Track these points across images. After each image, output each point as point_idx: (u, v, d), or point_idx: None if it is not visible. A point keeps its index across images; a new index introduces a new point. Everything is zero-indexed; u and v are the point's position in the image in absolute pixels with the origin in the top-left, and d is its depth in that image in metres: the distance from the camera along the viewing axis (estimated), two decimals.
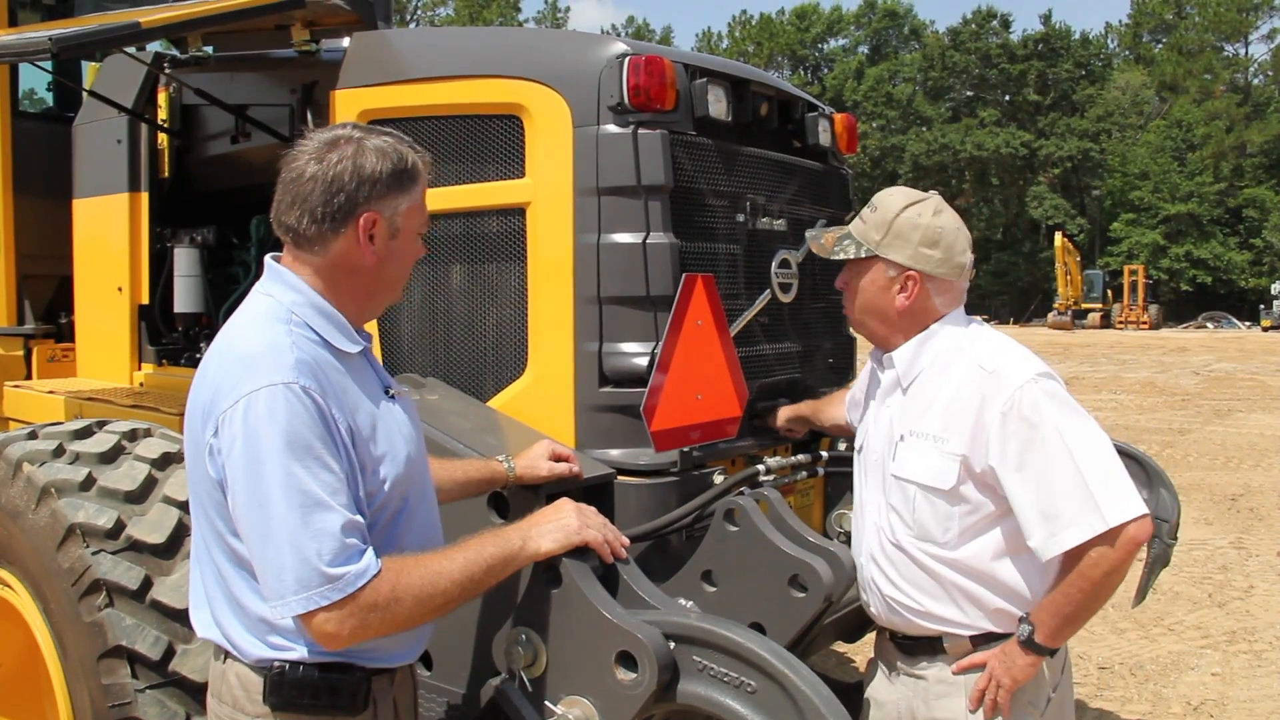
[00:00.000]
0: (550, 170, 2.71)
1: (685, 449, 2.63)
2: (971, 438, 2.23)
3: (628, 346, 2.64)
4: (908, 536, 2.34)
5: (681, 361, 2.56)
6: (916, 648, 2.40)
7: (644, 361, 2.60)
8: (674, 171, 2.69)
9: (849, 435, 2.85)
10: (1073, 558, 2.16)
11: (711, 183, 2.87)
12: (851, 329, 2.53)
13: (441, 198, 2.83)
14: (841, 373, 3.42)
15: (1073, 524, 2.13)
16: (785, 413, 3.04)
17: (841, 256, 2.45)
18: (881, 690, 2.52)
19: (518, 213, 2.77)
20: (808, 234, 2.71)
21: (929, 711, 2.37)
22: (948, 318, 2.40)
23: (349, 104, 3.03)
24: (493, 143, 2.84)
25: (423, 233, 1.99)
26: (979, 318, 2.50)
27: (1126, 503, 2.14)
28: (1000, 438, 2.20)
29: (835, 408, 2.92)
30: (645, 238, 2.63)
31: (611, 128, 2.66)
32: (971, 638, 2.32)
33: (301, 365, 1.77)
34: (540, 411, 2.71)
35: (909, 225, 2.34)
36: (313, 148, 1.85)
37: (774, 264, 3.03)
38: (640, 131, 2.65)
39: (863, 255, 2.40)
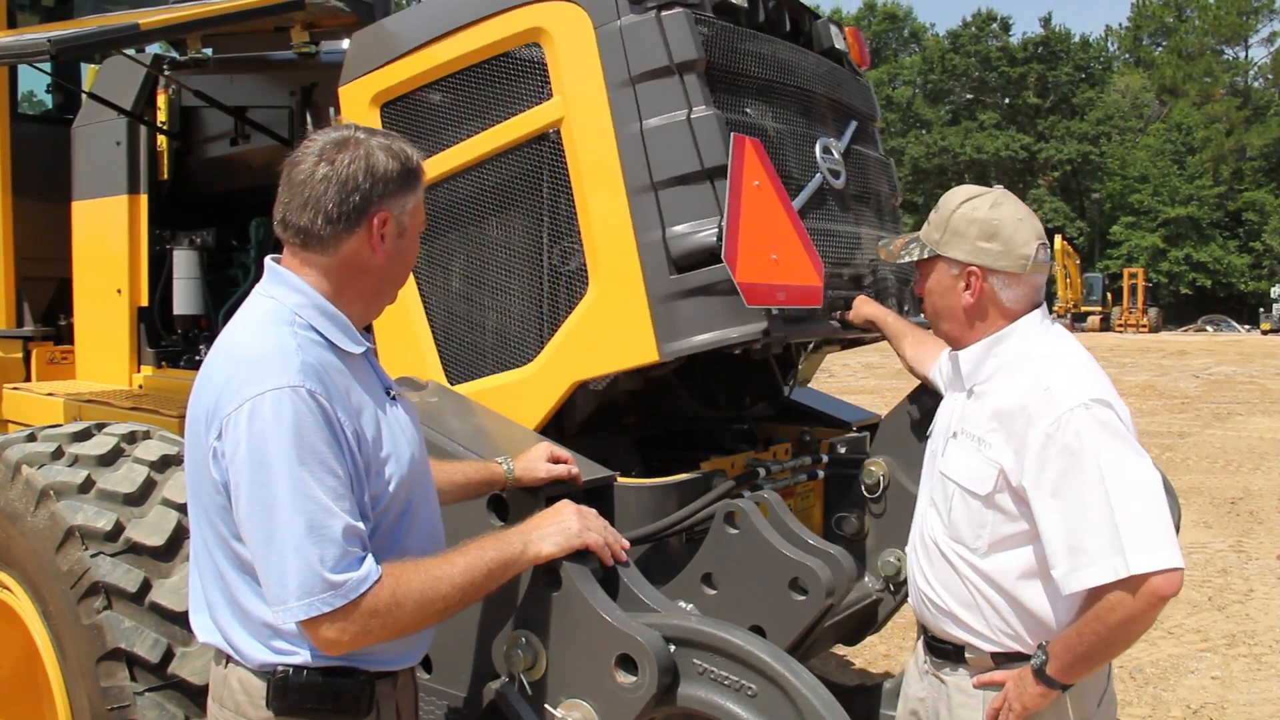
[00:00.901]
0: (580, 79, 2.65)
1: (774, 311, 2.53)
2: (1015, 452, 2.17)
3: (692, 225, 2.55)
4: (943, 535, 2.33)
5: (750, 222, 2.49)
6: (942, 651, 2.38)
7: (712, 234, 2.50)
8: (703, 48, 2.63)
9: (923, 382, 2.84)
10: (1094, 597, 2.08)
11: (740, 65, 2.79)
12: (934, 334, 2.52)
13: (470, 148, 2.79)
14: (904, 279, 3.30)
15: (1095, 562, 2.04)
16: (872, 311, 2.93)
17: (906, 259, 2.42)
18: (913, 685, 2.52)
19: (552, 134, 2.71)
20: (879, 242, 2.68)
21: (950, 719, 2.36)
22: (1022, 321, 2.31)
23: (358, 94, 3.00)
24: (515, 76, 2.78)
25: (421, 231, 2.00)
26: (1059, 323, 2.42)
27: (1157, 552, 2.01)
28: (1039, 460, 2.12)
29: (927, 350, 2.84)
30: (689, 113, 2.57)
31: (633, 17, 2.61)
32: (993, 654, 2.28)
33: (307, 368, 1.76)
34: (613, 322, 2.61)
35: (965, 220, 2.29)
36: (319, 148, 1.85)
37: (817, 150, 2.96)
38: (663, 13, 2.60)
39: (925, 256, 2.37)
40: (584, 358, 2.65)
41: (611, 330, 2.60)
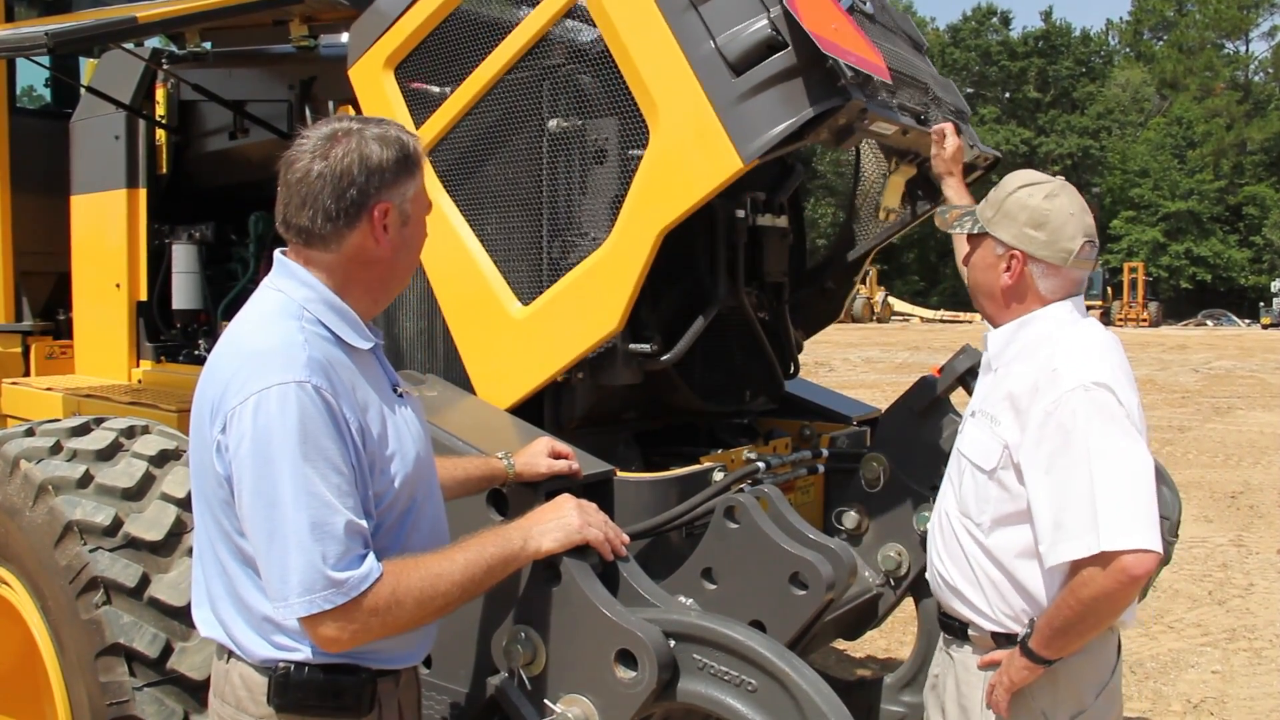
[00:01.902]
0: None
1: (848, 72, 2.43)
2: (1020, 429, 2.24)
3: (741, 25, 2.48)
4: (955, 509, 2.40)
5: (803, 2, 2.43)
6: (950, 627, 2.46)
7: (764, 25, 2.45)
8: None
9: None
10: (1073, 573, 2.14)
11: None
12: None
13: (497, 59, 2.73)
14: (962, 113, 3.24)
15: (1072, 538, 2.10)
16: (955, 147, 2.86)
17: (958, 231, 2.50)
18: (936, 660, 2.61)
19: (575, 8, 2.66)
20: (936, 211, 2.71)
21: (958, 696, 2.42)
22: (1051, 308, 2.37)
23: (367, 68, 2.95)
24: None
25: (427, 215, 1.97)
26: (1092, 314, 2.45)
27: (1132, 534, 2.06)
28: (1037, 437, 2.19)
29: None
30: None
31: None
32: (993, 634, 2.34)
33: (314, 364, 1.75)
34: (684, 152, 2.52)
35: (1018, 205, 2.35)
36: (313, 145, 1.82)
37: None
38: None
39: (975, 231, 2.44)
40: (663, 202, 2.56)
41: (684, 161, 2.52)
